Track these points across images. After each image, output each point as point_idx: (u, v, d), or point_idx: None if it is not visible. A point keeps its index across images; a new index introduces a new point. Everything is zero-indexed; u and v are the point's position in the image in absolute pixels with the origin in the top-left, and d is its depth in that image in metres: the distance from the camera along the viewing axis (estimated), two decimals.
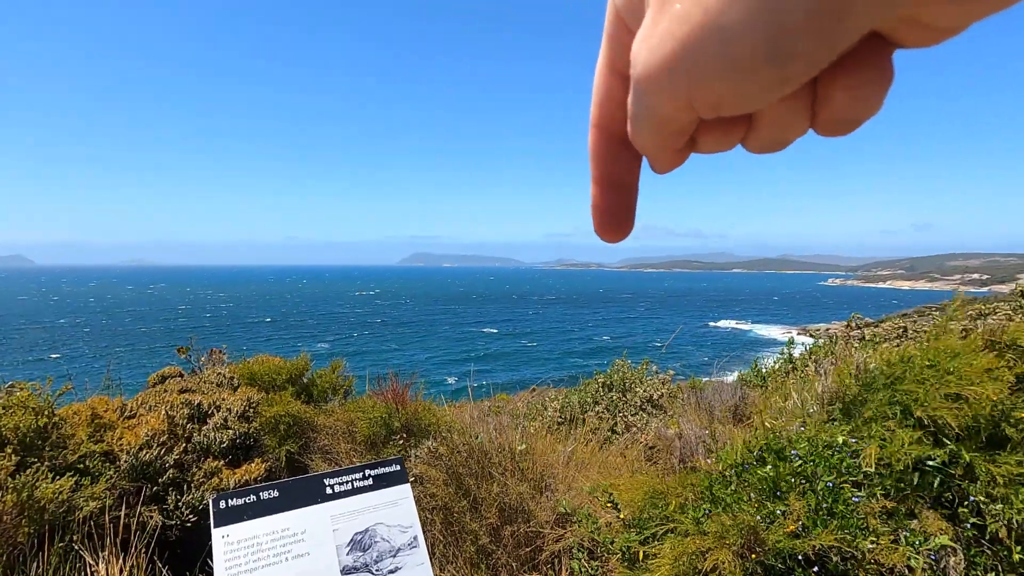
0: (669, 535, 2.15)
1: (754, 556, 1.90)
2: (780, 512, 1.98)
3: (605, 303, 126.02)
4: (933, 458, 2.10)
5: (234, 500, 1.83)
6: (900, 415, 2.31)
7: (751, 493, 2.14)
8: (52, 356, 45.78)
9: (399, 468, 2.11)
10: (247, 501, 1.84)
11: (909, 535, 1.92)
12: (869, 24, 0.18)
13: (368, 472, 2.05)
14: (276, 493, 1.89)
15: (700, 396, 5.20)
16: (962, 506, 2.09)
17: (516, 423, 3.98)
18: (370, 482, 2.04)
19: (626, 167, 0.31)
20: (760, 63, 0.19)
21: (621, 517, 2.48)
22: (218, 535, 1.76)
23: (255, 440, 3.93)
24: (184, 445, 3.46)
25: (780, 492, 2.08)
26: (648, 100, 0.23)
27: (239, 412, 3.93)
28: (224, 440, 3.64)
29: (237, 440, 3.75)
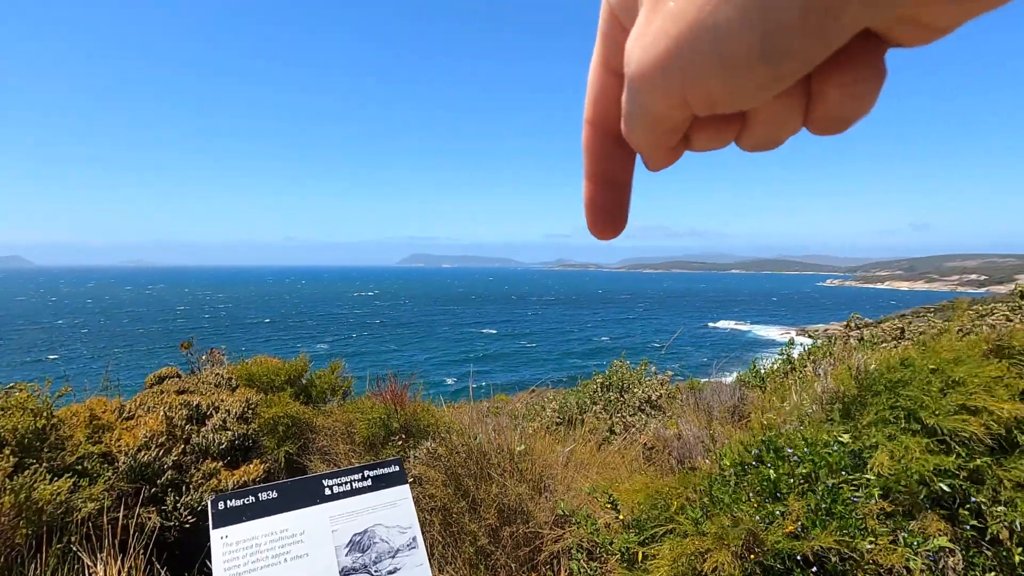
0: (668, 536, 2.14)
1: (753, 557, 1.90)
2: (779, 513, 1.98)
3: (604, 304, 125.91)
4: (946, 469, 2.08)
5: (233, 501, 1.83)
6: (904, 420, 2.30)
7: (750, 494, 2.14)
8: (50, 357, 45.69)
9: (398, 469, 2.11)
10: (246, 502, 1.84)
11: (908, 536, 1.92)
12: (864, 22, 0.18)
13: (367, 473, 2.05)
14: (275, 494, 1.89)
15: (699, 397, 5.19)
16: (963, 508, 2.09)
17: (515, 424, 3.98)
18: (369, 483, 2.04)
19: (620, 164, 0.31)
20: (754, 61, 0.19)
21: (620, 518, 2.47)
22: (217, 536, 1.76)
23: (254, 441, 3.93)
24: (183, 446, 3.45)
25: (780, 493, 2.08)
26: (642, 98, 0.23)
27: (238, 413, 3.92)
28: (223, 441, 3.64)
29: (236, 441, 3.74)
